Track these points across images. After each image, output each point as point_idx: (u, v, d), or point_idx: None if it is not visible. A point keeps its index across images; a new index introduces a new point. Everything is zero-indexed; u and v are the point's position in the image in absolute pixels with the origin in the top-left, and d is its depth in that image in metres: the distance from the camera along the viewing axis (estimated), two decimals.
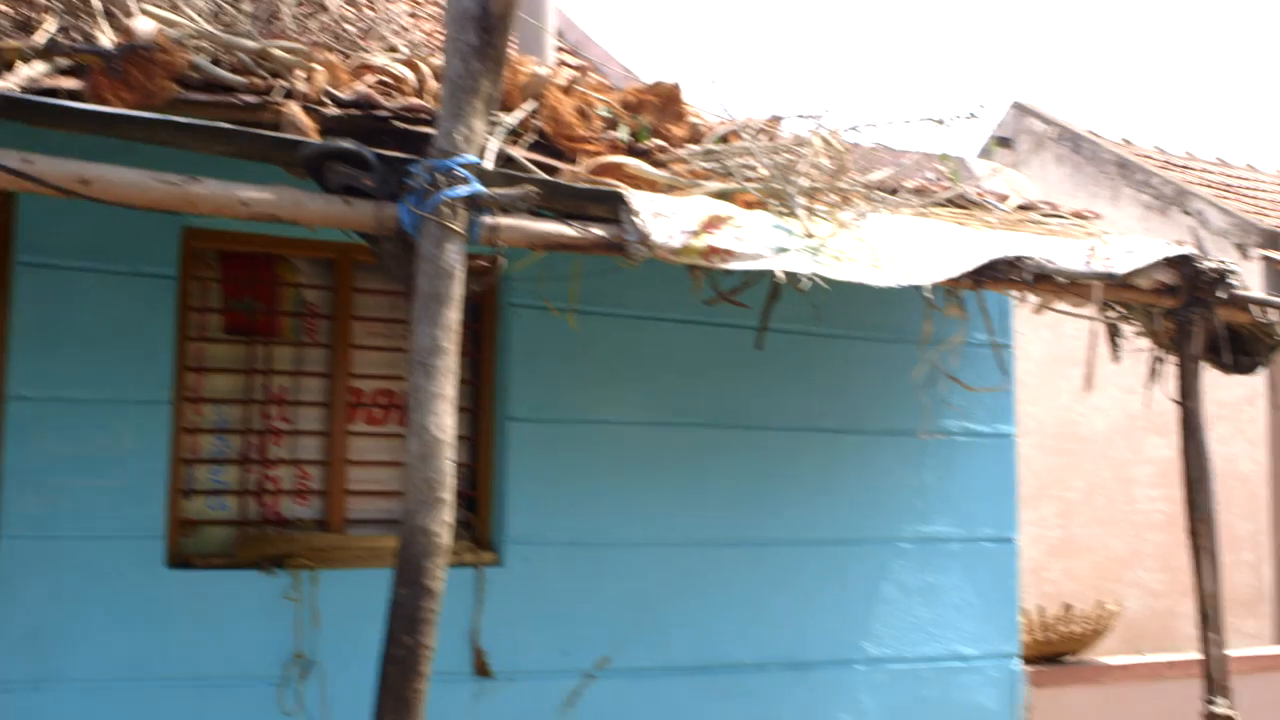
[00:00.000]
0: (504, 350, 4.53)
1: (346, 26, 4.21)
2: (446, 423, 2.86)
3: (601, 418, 4.62)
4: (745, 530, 4.79)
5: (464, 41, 2.92)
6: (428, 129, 3.22)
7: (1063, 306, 4.29)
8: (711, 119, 4.39)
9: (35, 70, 3.19)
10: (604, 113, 4.06)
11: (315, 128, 3.30)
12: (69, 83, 3.20)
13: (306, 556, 4.09)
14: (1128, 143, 10.78)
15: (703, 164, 3.99)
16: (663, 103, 4.21)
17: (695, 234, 3.29)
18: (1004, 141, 10.09)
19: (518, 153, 3.65)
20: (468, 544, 4.38)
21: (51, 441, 3.81)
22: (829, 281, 3.46)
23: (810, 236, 3.55)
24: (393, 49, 4.19)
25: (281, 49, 3.62)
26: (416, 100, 3.68)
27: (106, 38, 3.39)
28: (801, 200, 3.72)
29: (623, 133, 4.03)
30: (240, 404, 4.28)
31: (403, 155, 3.01)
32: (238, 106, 3.40)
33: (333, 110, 3.48)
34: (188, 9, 3.57)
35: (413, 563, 2.83)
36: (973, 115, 3.87)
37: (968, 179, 4.87)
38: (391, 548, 2.92)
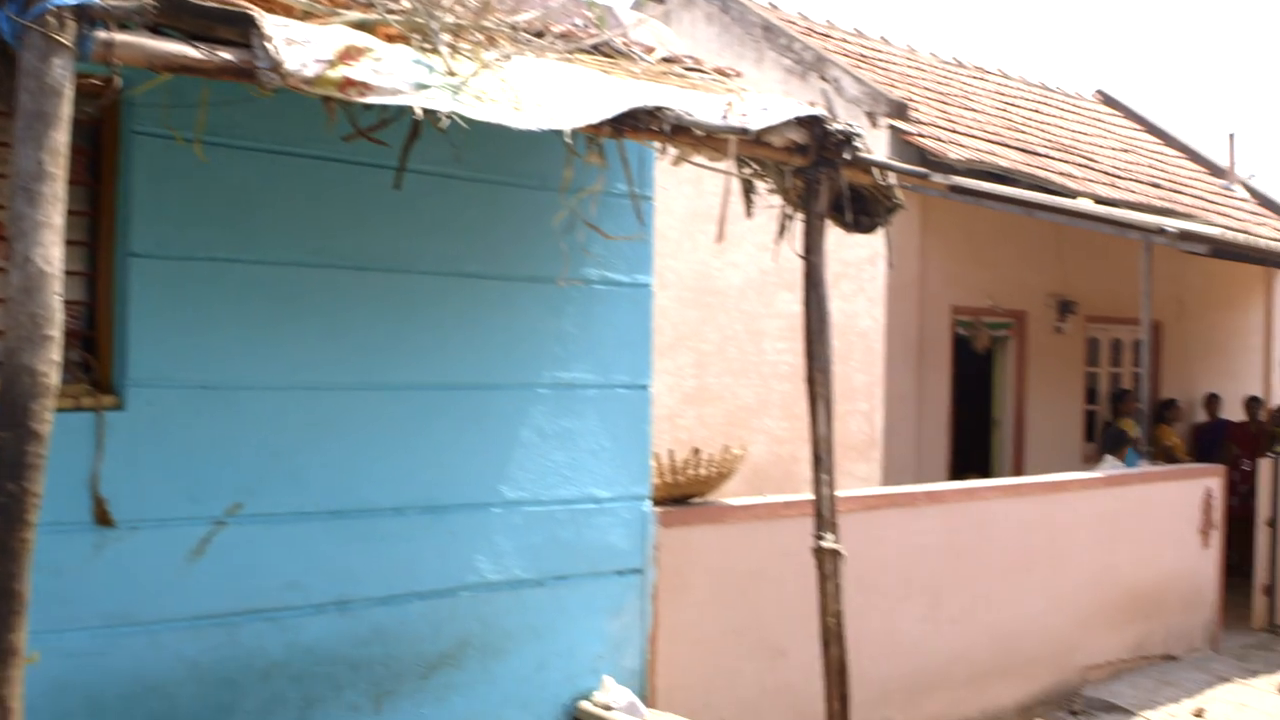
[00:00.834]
0: (126, 181, 4.25)
1: None
2: (53, 254, 2.71)
3: (233, 256, 4.45)
4: (384, 374, 4.80)
5: None
6: None
7: (700, 160, 4.47)
8: None
9: None
10: None
11: None
12: None
13: None
14: (774, 7, 11.23)
15: None
16: None
17: (331, 64, 3.19)
18: None
19: None
20: (86, 387, 4.17)
21: None
22: (470, 122, 3.46)
23: (452, 75, 3.52)
24: None
25: None
26: None
27: None
28: (445, 37, 3.68)
29: None
30: None
31: None
32: None
33: None
34: None
35: (16, 404, 2.70)
36: None
37: (614, 27, 4.95)
38: None
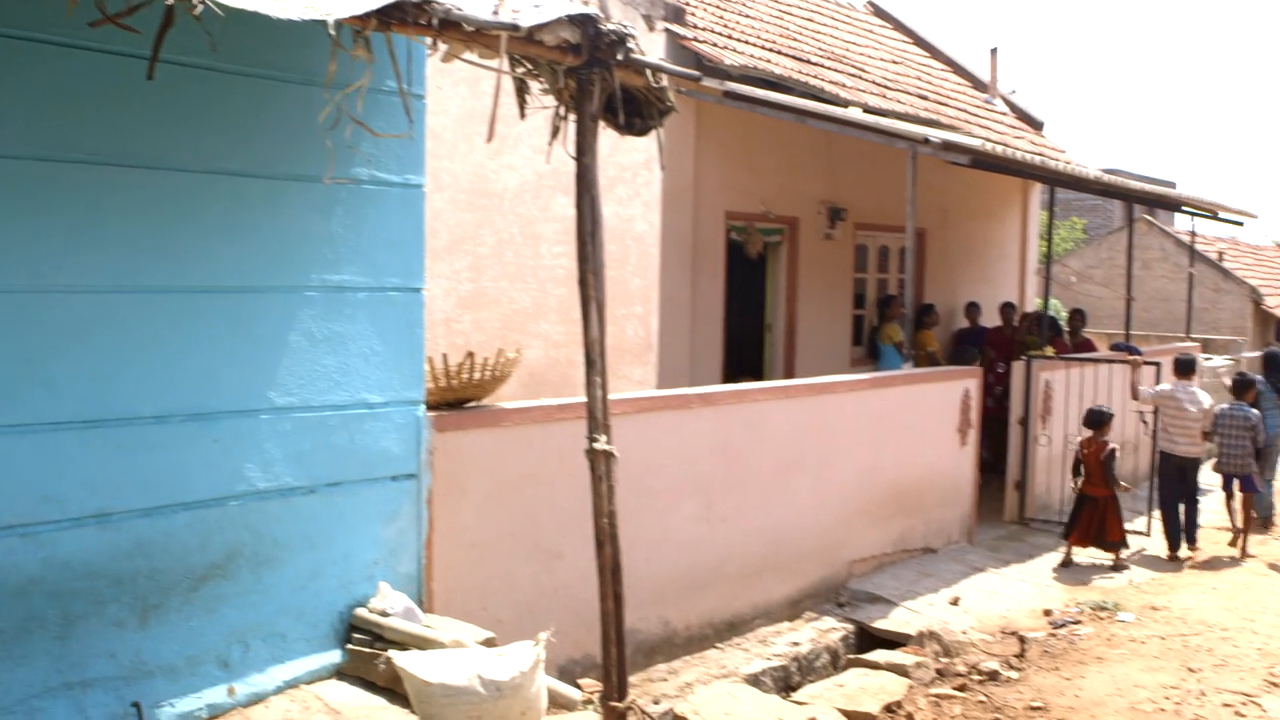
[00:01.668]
0: None
1: None
2: None
3: None
4: (142, 277, 4.64)
5: None
6: None
7: (471, 57, 4.45)
8: None
9: None
10: None
11: None
12: None
13: None
14: None
15: None
16: None
17: None
18: None
19: None
20: None
21: None
22: (227, 10, 3.36)
23: None
24: None
25: None
26: None
27: None
28: None
29: None
30: None
31: None
32: None
33: None
34: None
35: None
36: None
37: None
38: None
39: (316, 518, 5.24)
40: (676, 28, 10.99)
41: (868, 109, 11.72)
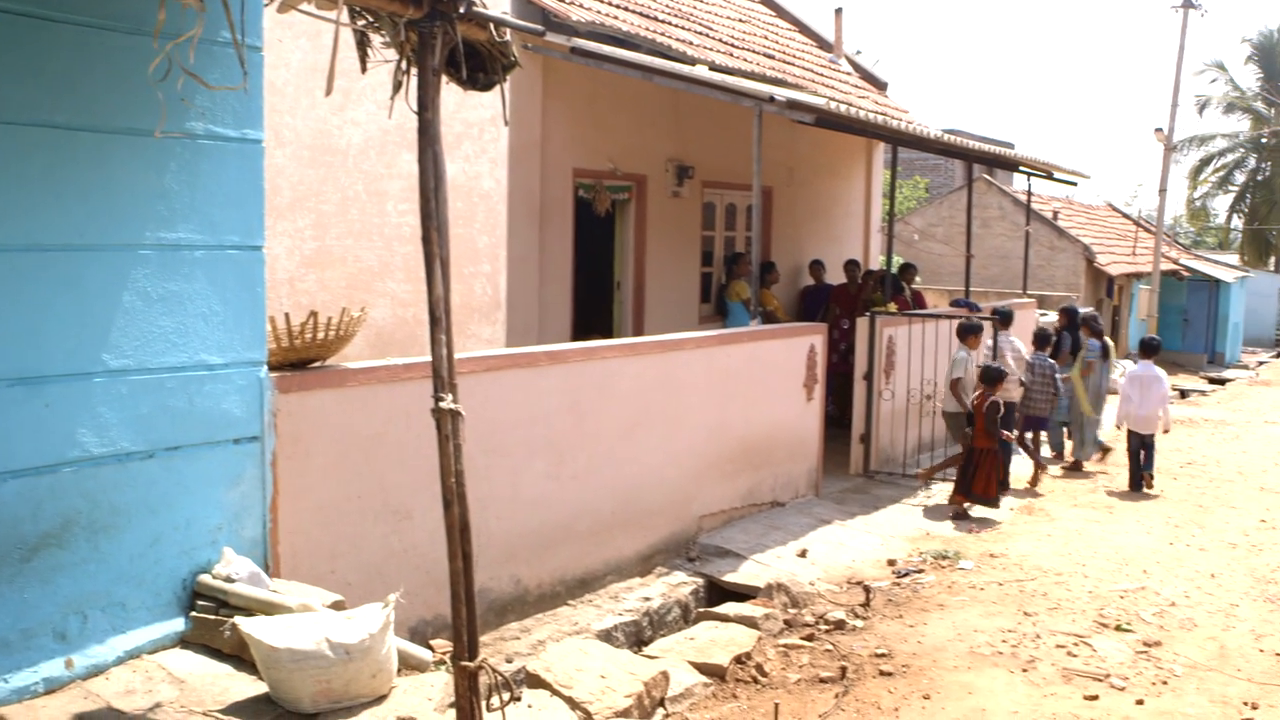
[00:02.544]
0: None
1: None
2: None
3: None
4: None
5: None
6: None
7: (308, 8, 4.36)
8: None
9: None
10: None
11: None
12: None
13: None
14: None
15: None
16: None
17: None
18: None
19: None
20: None
21: None
22: None
23: None
24: None
25: None
26: None
27: None
28: None
29: None
30: None
31: None
32: None
33: None
34: None
35: None
36: None
37: None
38: None
39: (156, 483, 5.12)
40: None
41: (714, 67, 11.82)
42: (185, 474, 5.24)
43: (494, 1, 8.57)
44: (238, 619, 4.80)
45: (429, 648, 5.90)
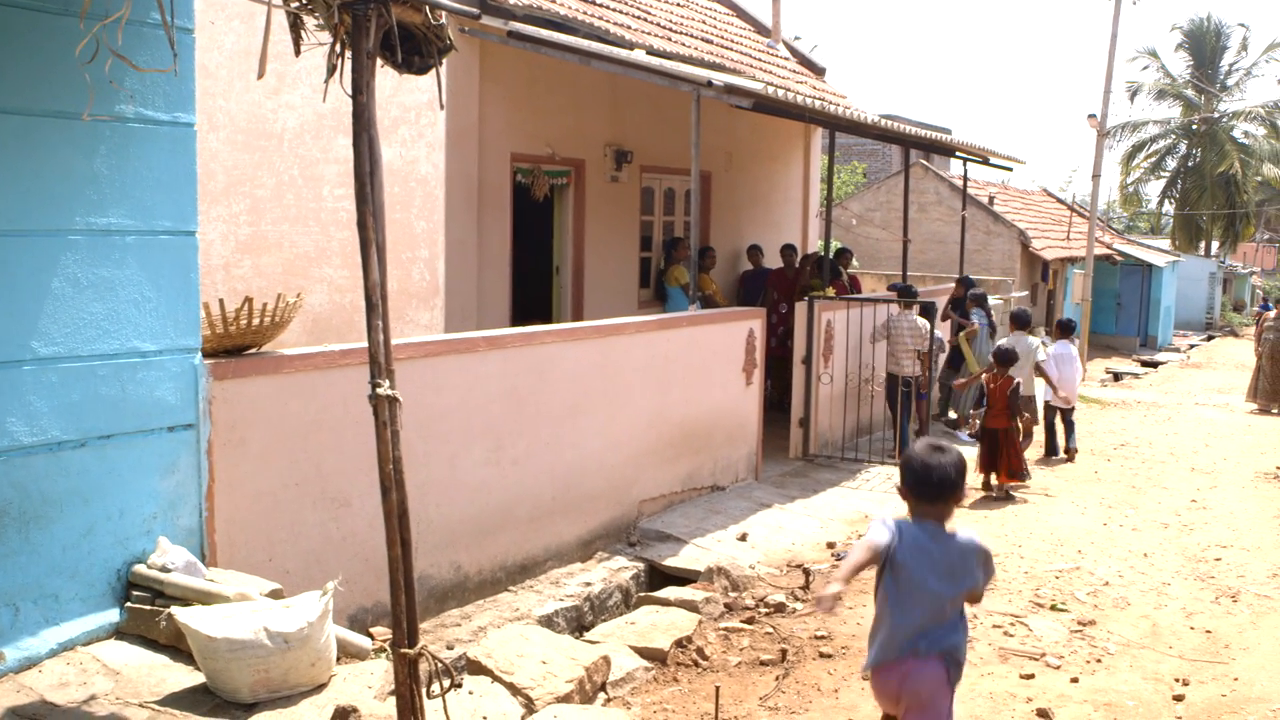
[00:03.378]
0: None
1: None
2: None
3: None
4: None
5: None
6: None
7: None
8: None
9: None
10: None
11: None
12: None
13: None
14: None
15: None
16: None
17: None
18: None
19: None
20: None
21: None
22: None
23: None
24: None
25: None
26: None
27: None
28: None
29: None
30: None
31: None
32: None
33: None
34: None
35: None
36: None
37: None
38: None
39: (88, 472, 5.06)
40: None
41: (652, 51, 11.81)
42: (118, 463, 5.18)
43: None
44: (174, 609, 4.76)
45: (369, 635, 5.89)
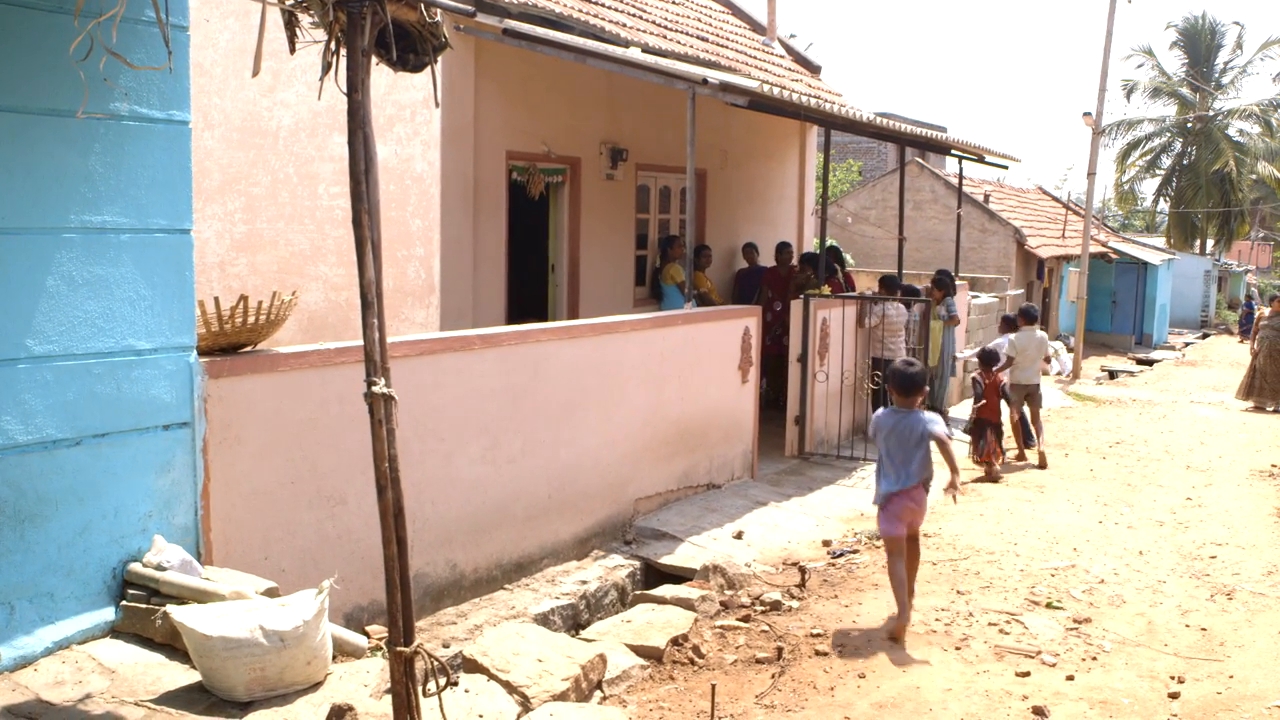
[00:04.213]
0: None
1: None
2: None
3: None
4: None
5: None
6: None
7: None
8: None
9: None
10: None
11: None
12: None
13: None
14: None
15: None
16: None
17: None
18: None
19: None
20: None
21: None
22: None
23: None
24: None
25: None
26: None
27: None
28: None
29: None
30: None
31: None
32: None
33: None
34: None
35: None
36: None
37: None
38: None
39: (83, 470, 5.06)
40: None
41: (648, 49, 11.81)
42: (114, 461, 5.17)
43: None
44: (169, 607, 4.75)
45: (364, 634, 5.88)
